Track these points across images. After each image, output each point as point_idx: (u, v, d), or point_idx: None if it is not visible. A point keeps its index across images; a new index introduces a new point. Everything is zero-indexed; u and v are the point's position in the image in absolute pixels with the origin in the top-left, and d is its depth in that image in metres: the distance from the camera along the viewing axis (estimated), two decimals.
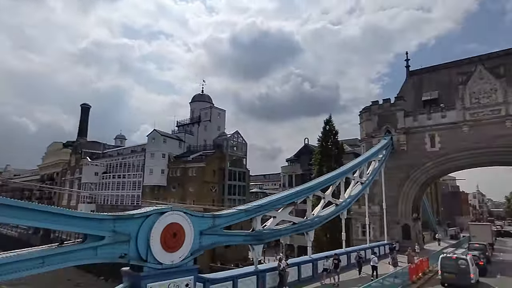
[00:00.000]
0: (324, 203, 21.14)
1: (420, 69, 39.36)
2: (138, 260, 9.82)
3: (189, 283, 10.97)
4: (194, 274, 11.29)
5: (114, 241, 9.34)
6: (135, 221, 9.94)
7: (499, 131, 29.14)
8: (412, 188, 33.55)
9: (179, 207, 11.50)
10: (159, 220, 10.36)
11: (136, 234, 9.83)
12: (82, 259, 8.84)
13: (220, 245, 14.05)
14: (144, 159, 58.27)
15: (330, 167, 45.06)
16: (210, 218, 12.45)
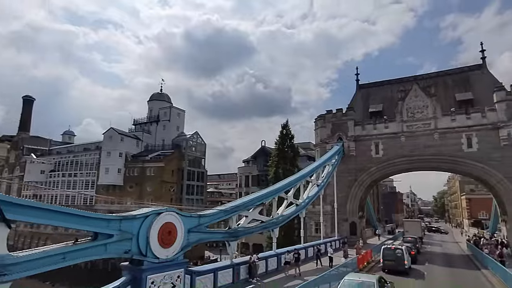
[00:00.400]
0: (287, 203, 23.62)
1: (367, 83, 44.09)
2: (139, 255, 11.20)
3: (180, 275, 12.56)
4: (184, 267, 12.90)
5: (121, 238, 10.64)
6: (137, 221, 11.29)
7: (429, 142, 34.35)
8: (359, 190, 37.78)
9: (172, 208, 12.98)
10: (157, 220, 11.80)
11: (137, 232, 11.19)
12: (95, 254, 10.06)
13: (204, 241, 15.69)
14: (99, 157, 56.43)
15: (286, 169, 48.23)
16: (197, 218, 14.08)
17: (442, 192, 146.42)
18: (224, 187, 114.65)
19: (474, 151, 32.32)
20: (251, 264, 17.36)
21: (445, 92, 36.73)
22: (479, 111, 32.66)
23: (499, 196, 32.25)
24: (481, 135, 32.09)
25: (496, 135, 31.23)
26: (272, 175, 48.78)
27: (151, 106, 67.32)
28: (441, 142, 33.92)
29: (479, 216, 69.27)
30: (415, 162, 35.81)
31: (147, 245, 11.37)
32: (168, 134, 62.05)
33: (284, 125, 51.03)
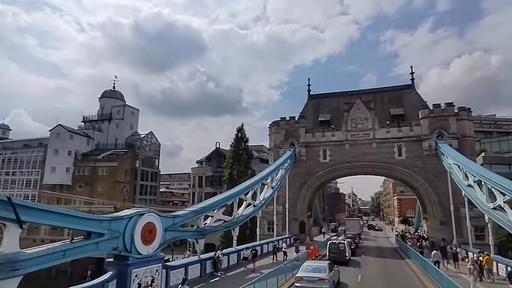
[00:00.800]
0: (246, 204, 25.96)
1: (318, 94, 48.31)
2: (125, 251, 12.65)
3: (158, 269, 14.18)
4: (161, 262, 14.54)
5: (111, 237, 12.05)
6: (123, 221, 12.73)
7: (368, 150, 39.26)
8: (308, 191, 41.53)
9: (152, 209, 14.52)
10: (140, 220, 13.32)
11: (124, 231, 12.64)
12: (89, 251, 11.35)
13: (177, 239, 17.33)
14: (44, 155, 53.45)
15: (240, 171, 50.70)
16: (172, 218, 15.75)
17: (378, 193, 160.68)
18: (175, 187, 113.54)
19: (403, 159, 37.82)
20: (216, 260, 19.35)
21: (382, 107, 42.08)
22: (407, 125, 38.30)
23: (421, 197, 38.15)
24: (408, 146, 37.69)
25: (419, 146, 36.96)
26: (227, 176, 50.90)
27: (103, 103, 65.11)
28: (377, 150, 38.98)
29: (407, 215, 78.59)
30: (357, 167, 40.56)
31: (132, 242, 12.86)
32: (121, 133, 60.75)
33: (239, 128, 53.41)
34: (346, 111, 41.41)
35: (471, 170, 25.09)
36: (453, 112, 36.91)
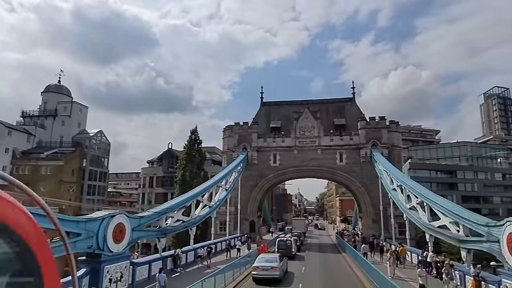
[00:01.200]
0: (203, 205, 27.77)
1: (270, 102, 51.52)
2: (98, 249, 13.92)
3: (126, 265, 15.58)
4: (129, 259, 15.95)
5: (86, 236, 13.29)
6: (97, 222, 14.01)
7: (314, 155, 43.29)
8: (258, 193, 44.35)
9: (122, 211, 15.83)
10: (112, 221, 14.66)
11: (97, 231, 13.92)
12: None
13: (142, 238, 18.64)
14: None
15: (193, 172, 51.93)
16: (138, 219, 17.17)
17: (323, 194, 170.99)
18: (122, 187, 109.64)
19: (344, 165, 42.47)
20: (176, 257, 20.99)
21: (327, 117, 46.53)
22: (348, 134, 43.08)
23: (358, 199, 43.17)
24: (348, 153, 42.44)
25: (357, 153, 41.87)
26: (180, 177, 51.74)
27: (46, 98, 61.42)
28: (322, 156, 43.18)
29: (347, 214, 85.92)
30: (303, 171, 44.42)
31: (105, 241, 14.17)
32: (68, 130, 57.99)
33: (193, 130, 54.59)
34: (295, 119, 45.07)
35: (395, 176, 29.83)
36: (385, 125, 42.45)
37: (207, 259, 23.88)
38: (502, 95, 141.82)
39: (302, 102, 49.61)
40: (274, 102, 51.37)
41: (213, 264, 23.10)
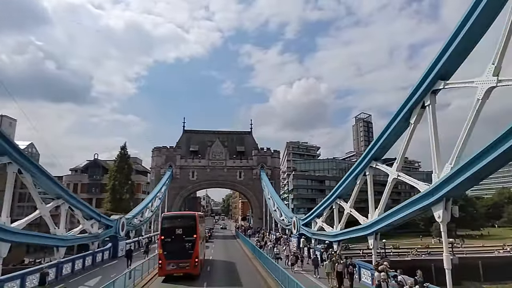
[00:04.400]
0: (149, 210, 42.46)
1: (190, 130, 67.32)
2: (116, 233, 28.53)
3: (125, 243, 30.33)
4: (125, 240, 30.68)
5: (114, 227, 27.93)
6: (116, 220, 28.59)
7: (221, 173, 61.19)
8: (179, 200, 59.91)
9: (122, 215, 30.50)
10: (121, 219, 29.38)
11: (116, 224, 28.53)
12: (108, 233, 27.09)
13: (129, 229, 33.04)
14: None
15: (122, 182, 63.96)
16: (130, 218, 31.87)
17: (228, 195, 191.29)
18: None
19: (242, 180, 61.52)
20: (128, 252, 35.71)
21: (232, 144, 65.04)
22: (245, 159, 62.36)
23: (251, 203, 62.78)
24: (245, 172, 61.67)
25: (251, 172, 61.40)
26: (111, 186, 63.10)
27: None
28: (227, 173, 61.40)
29: (247, 214, 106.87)
30: (214, 184, 62.10)
31: (118, 229, 28.80)
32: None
33: (123, 146, 66.32)
34: (209, 146, 62.29)
35: (270, 191, 49.78)
36: (270, 153, 63.23)
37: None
38: (366, 119, 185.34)
39: (214, 132, 67.18)
40: (194, 131, 67.41)
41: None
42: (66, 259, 20.52)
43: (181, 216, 24.60)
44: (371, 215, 17.66)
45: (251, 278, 21.04)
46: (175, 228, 19.94)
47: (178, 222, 20.74)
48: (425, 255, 50.12)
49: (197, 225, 20.25)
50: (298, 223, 31.16)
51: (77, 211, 21.92)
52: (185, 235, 19.59)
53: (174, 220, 21.49)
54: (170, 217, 22.32)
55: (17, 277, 15.61)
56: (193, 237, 19.57)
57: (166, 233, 20.05)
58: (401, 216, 14.86)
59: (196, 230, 19.93)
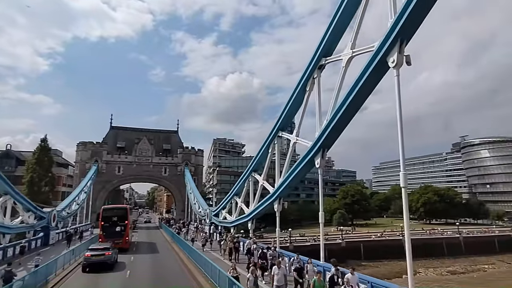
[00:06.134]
0: (76, 204, 45.67)
1: (117, 126, 69.82)
2: (48, 224, 32.50)
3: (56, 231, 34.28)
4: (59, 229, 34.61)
5: (47, 219, 31.91)
6: (49, 212, 32.50)
7: (147, 168, 65.70)
8: (104, 193, 62.71)
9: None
10: (53, 212, 33.31)
11: (48, 217, 32.46)
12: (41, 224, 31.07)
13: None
14: None
15: (41, 174, 63.89)
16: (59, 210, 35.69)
17: (154, 188, 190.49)
18: None
19: (167, 175, 66.87)
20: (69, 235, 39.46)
21: (158, 142, 69.67)
22: (171, 156, 67.79)
23: (174, 197, 68.55)
24: (170, 168, 67.15)
25: (176, 169, 67.13)
26: (28, 178, 62.64)
27: None
28: (153, 169, 66.13)
29: (171, 207, 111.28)
30: (139, 179, 66.29)
31: (50, 221, 32.74)
32: None
33: (43, 139, 65.90)
34: (136, 143, 66.07)
35: (192, 186, 56.46)
36: (194, 152, 69.72)
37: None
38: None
39: (142, 130, 70.91)
40: (121, 128, 70.12)
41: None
42: (9, 244, 24.65)
43: (117, 208, 32.25)
44: (276, 183, 20.73)
45: (167, 251, 28.24)
46: (112, 216, 26.14)
47: (115, 212, 27.22)
48: (325, 241, 61.90)
49: (128, 215, 26.81)
50: (210, 214, 38.82)
51: (19, 205, 25.95)
52: (119, 221, 25.99)
53: (112, 210, 27.76)
54: (108, 209, 29.23)
55: None
56: (125, 223, 26.16)
57: (105, 220, 26.23)
58: (296, 174, 18.45)
59: (127, 217, 26.47)
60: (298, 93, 18.57)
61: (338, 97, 14.36)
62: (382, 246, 59.09)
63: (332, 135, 15.25)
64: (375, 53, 11.60)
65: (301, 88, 18.19)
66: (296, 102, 19.17)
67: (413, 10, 10.17)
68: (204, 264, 18.60)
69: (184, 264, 23.28)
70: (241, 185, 28.40)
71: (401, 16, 10.52)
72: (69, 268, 20.76)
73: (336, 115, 14.05)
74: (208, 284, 16.45)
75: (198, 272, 19.51)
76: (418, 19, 10.54)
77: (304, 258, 15.81)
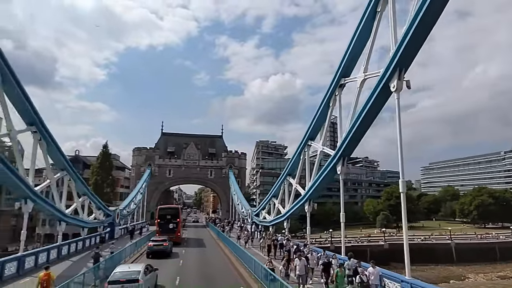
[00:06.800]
0: (134, 203, 51.65)
1: (168, 133, 76.30)
2: (114, 221, 37.96)
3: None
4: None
5: (113, 216, 37.35)
6: (115, 211, 37.94)
7: (195, 171, 71.07)
8: (157, 194, 69.16)
9: None
10: (118, 209, 38.76)
11: (114, 214, 37.92)
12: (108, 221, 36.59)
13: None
14: None
15: (103, 177, 72.00)
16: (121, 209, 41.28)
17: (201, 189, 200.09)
18: None
19: (212, 178, 71.73)
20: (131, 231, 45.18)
21: (204, 147, 74.84)
22: (216, 159, 72.49)
23: (220, 198, 73.14)
24: (215, 171, 71.89)
25: (221, 171, 71.69)
26: (93, 180, 71.00)
27: None
28: (200, 172, 71.38)
29: (217, 207, 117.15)
30: (188, 181, 72.20)
31: (114, 219, 38.21)
32: None
33: (105, 145, 74.14)
34: (184, 148, 71.79)
35: (235, 188, 60.27)
36: (237, 155, 73.82)
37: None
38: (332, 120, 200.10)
39: (189, 135, 76.66)
40: (171, 134, 76.44)
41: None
42: (87, 236, 29.94)
43: (170, 207, 38.20)
44: (307, 186, 22.74)
45: (213, 246, 32.02)
46: (166, 215, 30.52)
47: (169, 211, 31.83)
48: (366, 242, 62.08)
49: (179, 214, 31.10)
50: (251, 214, 41.99)
51: (92, 204, 31.25)
52: (172, 219, 30.31)
53: (166, 210, 32.36)
54: (164, 208, 34.06)
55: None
56: (177, 221, 30.40)
57: (161, 217, 30.79)
58: (321, 179, 20.36)
59: (179, 216, 30.73)
60: (323, 108, 20.74)
61: (355, 112, 16.50)
62: (428, 249, 57.79)
63: (351, 146, 17.28)
64: (380, 78, 13.63)
65: (326, 104, 20.35)
66: (322, 116, 21.28)
67: (407, 45, 12.13)
68: (245, 258, 21.59)
69: (227, 257, 26.59)
70: (278, 188, 31.05)
71: (398, 50, 12.52)
72: (134, 257, 25.11)
73: (352, 128, 16.19)
74: (247, 273, 19.35)
75: (239, 264, 22.56)
76: (412, 53, 12.43)
77: (330, 253, 18.04)
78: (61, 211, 23.13)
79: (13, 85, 16.47)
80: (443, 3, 11.22)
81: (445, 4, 11.27)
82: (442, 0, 11.12)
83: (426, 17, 11.36)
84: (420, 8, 11.35)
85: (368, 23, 15.52)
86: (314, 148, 23.12)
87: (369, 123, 15.72)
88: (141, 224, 52.45)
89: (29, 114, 18.40)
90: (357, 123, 15.72)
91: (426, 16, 11.32)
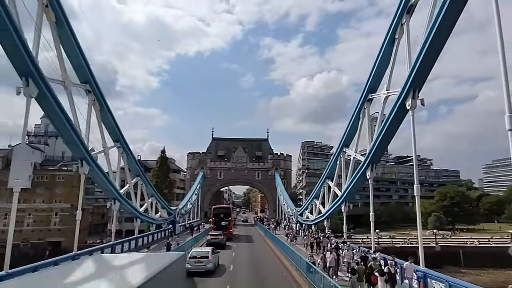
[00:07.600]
0: (190, 203, 57.37)
1: (218, 138, 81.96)
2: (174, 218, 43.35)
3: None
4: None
5: (173, 215, 42.76)
6: (175, 210, 43.34)
7: (243, 173, 75.58)
8: (209, 195, 74.90)
9: None
10: (178, 207, 44.14)
11: (175, 212, 43.29)
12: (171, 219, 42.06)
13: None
14: None
15: (162, 179, 79.45)
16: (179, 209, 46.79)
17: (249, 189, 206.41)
18: None
19: (259, 179, 75.69)
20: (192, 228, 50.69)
21: (252, 150, 79.12)
22: (263, 162, 76.34)
23: (266, 198, 76.90)
24: (262, 172, 75.74)
25: (267, 173, 75.36)
26: (154, 183, 78.50)
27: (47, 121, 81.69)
28: (247, 174, 75.77)
29: (264, 207, 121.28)
30: (237, 182, 77.07)
31: (175, 217, 43.60)
32: None
33: (163, 150, 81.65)
34: (233, 151, 76.74)
35: (281, 189, 63.45)
36: (283, 158, 76.95)
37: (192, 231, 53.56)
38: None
39: (237, 139, 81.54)
40: (221, 138, 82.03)
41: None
42: (155, 231, 35.29)
43: (223, 207, 42.79)
44: (342, 188, 25.67)
45: (260, 242, 35.74)
46: (220, 213, 34.94)
47: (222, 210, 36.35)
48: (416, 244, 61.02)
49: (231, 212, 35.32)
50: (296, 214, 44.88)
51: (158, 203, 36.65)
52: (225, 217, 34.61)
53: (220, 209, 37.12)
54: (217, 208, 39.50)
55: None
56: (229, 219, 34.60)
57: (216, 216, 35.40)
58: (354, 182, 22.85)
59: (231, 214, 34.96)
60: (354, 120, 23.19)
61: (380, 124, 18.81)
62: (487, 253, 55.45)
63: (377, 154, 19.64)
64: (398, 97, 15.95)
65: (356, 116, 22.72)
66: (354, 127, 23.76)
67: (419, 68, 14.30)
68: (289, 252, 24.72)
69: (273, 251, 29.96)
70: (319, 189, 33.68)
71: (411, 72, 14.80)
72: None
73: (378, 139, 18.57)
74: (291, 265, 22.47)
75: (284, 257, 25.76)
76: (424, 74, 14.53)
77: (364, 249, 20.48)
78: (138, 210, 28.33)
79: (105, 111, 21.54)
80: (450, 28, 12.78)
81: (451, 29, 12.90)
82: (448, 26, 12.64)
83: (434, 41, 13.05)
84: (428, 35, 13.18)
85: (388, 47, 17.81)
86: (349, 154, 25.46)
87: (392, 134, 17.95)
88: (198, 222, 58.09)
89: (115, 133, 23.55)
90: (381, 134, 18.07)
91: (434, 41, 13.02)
